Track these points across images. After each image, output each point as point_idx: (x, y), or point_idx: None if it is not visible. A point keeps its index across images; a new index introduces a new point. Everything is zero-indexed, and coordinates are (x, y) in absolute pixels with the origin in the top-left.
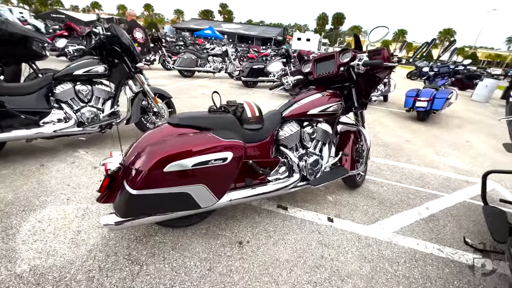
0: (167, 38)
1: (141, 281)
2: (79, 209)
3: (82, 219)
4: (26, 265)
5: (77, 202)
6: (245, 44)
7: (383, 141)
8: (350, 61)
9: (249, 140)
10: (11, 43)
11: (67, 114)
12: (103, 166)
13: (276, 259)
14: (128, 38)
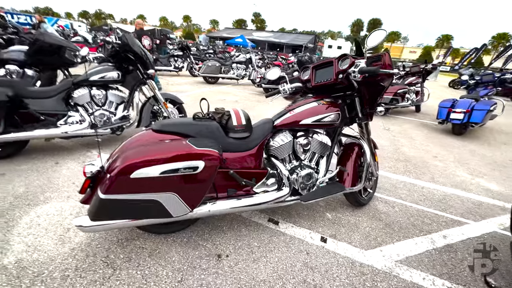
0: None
1: (109, 286)
2: (75, 207)
3: (75, 217)
4: (13, 257)
5: (76, 200)
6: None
7: (405, 156)
8: (348, 68)
9: (234, 149)
10: (47, 52)
11: (82, 117)
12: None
13: (253, 278)
14: (140, 46)
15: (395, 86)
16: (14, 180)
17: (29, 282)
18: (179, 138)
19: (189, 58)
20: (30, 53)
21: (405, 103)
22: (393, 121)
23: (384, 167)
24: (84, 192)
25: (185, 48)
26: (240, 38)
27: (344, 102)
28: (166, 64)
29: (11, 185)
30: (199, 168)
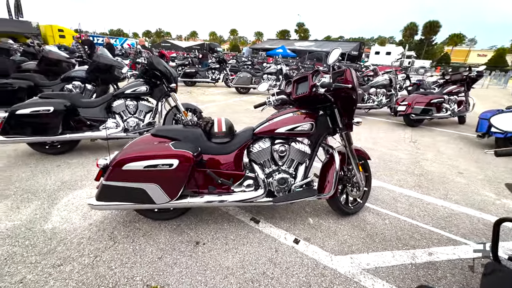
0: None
1: (107, 254)
2: None
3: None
4: (51, 225)
5: None
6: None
7: (422, 170)
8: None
9: (214, 152)
10: (102, 70)
11: (117, 123)
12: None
13: (219, 264)
14: (165, 65)
15: (428, 95)
16: (65, 170)
17: (56, 243)
18: (167, 140)
19: (225, 70)
20: (89, 71)
21: (443, 114)
22: (426, 133)
23: (393, 180)
24: (98, 180)
25: (221, 61)
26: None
27: (325, 113)
28: (204, 76)
29: (61, 173)
30: (174, 165)
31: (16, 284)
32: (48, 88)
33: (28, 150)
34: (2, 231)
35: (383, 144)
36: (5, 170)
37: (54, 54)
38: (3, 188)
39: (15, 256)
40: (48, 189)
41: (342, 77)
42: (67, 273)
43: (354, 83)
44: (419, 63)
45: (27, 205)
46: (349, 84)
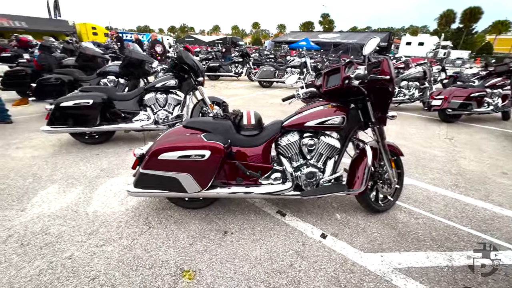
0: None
1: (143, 237)
2: None
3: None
4: (93, 208)
5: None
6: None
7: (459, 169)
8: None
9: (243, 144)
10: (134, 65)
11: (149, 115)
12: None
13: (247, 253)
14: (192, 58)
15: (468, 89)
16: (103, 159)
17: (98, 225)
18: (198, 132)
19: (248, 63)
20: (122, 66)
21: (484, 109)
22: (463, 130)
23: (426, 178)
24: (135, 168)
25: (244, 55)
26: (304, 41)
27: (357, 107)
28: (227, 70)
29: (100, 162)
30: (206, 156)
31: (66, 259)
32: (86, 82)
33: (70, 140)
34: (53, 212)
35: (415, 141)
36: (52, 157)
37: (90, 50)
38: (51, 173)
39: (64, 235)
40: (89, 175)
41: (378, 68)
42: (109, 253)
43: (391, 75)
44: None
45: (71, 190)
46: (386, 76)
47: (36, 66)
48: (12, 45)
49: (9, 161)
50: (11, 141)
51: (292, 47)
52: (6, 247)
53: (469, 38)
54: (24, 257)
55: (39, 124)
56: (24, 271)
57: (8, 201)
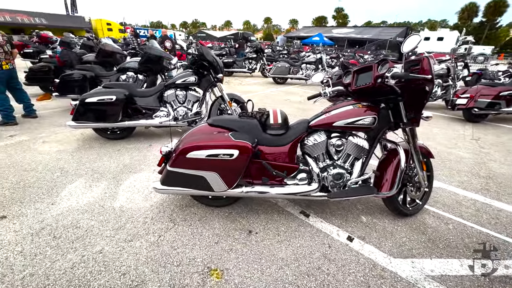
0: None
1: (169, 234)
2: (157, 178)
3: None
4: (119, 203)
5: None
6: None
7: (489, 172)
8: (386, 72)
9: (269, 143)
10: (153, 62)
11: (168, 111)
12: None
13: (273, 254)
14: (213, 55)
15: (498, 87)
16: (125, 154)
17: (125, 220)
18: (224, 131)
19: (262, 59)
20: (141, 62)
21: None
22: (489, 130)
23: (454, 181)
24: (160, 165)
25: (259, 51)
26: (318, 36)
27: (387, 107)
28: (241, 66)
29: (122, 157)
30: (234, 155)
31: (96, 253)
32: (106, 78)
33: (92, 135)
34: (81, 206)
35: (439, 141)
36: (76, 152)
37: (109, 47)
38: (76, 168)
39: (93, 229)
40: (112, 171)
41: (416, 67)
42: (137, 249)
43: (432, 74)
44: (478, 49)
45: (97, 184)
46: (428, 75)
47: (59, 62)
48: (34, 41)
49: (36, 155)
50: (38, 135)
51: (305, 43)
52: (39, 240)
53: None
54: (57, 250)
55: (62, 118)
56: (58, 264)
57: (38, 194)
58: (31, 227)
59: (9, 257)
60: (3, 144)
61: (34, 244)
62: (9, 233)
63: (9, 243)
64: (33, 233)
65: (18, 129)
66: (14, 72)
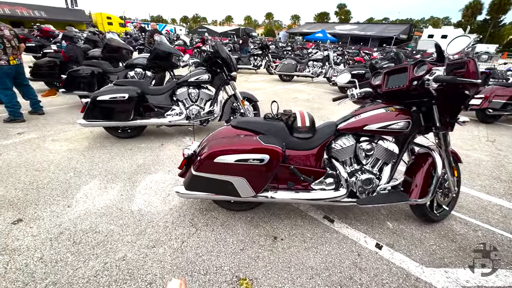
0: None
1: (192, 240)
2: (173, 179)
3: (173, 186)
4: (137, 207)
5: (174, 174)
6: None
7: (511, 175)
8: (424, 75)
9: (296, 147)
10: (161, 58)
11: (181, 110)
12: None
13: (302, 262)
14: (227, 52)
15: (511, 87)
16: (137, 154)
17: (145, 224)
18: (251, 134)
19: (268, 56)
20: (150, 58)
21: None
22: (504, 131)
23: (475, 185)
24: (181, 168)
25: (264, 47)
26: (321, 33)
27: (419, 110)
28: (246, 62)
29: (135, 157)
30: (265, 160)
31: (119, 260)
32: (114, 74)
33: (102, 133)
34: (98, 209)
35: (455, 143)
36: (88, 151)
37: (116, 42)
38: (89, 168)
39: (113, 234)
40: (126, 171)
41: (461, 70)
42: (161, 255)
43: (479, 78)
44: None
45: (112, 186)
46: (475, 79)
47: (64, 57)
48: (35, 35)
49: (47, 154)
50: (46, 133)
51: (308, 39)
52: (59, 245)
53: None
54: (78, 257)
55: (69, 115)
56: (80, 272)
57: (53, 195)
58: (49, 231)
59: (29, 264)
60: (12, 142)
61: (54, 250)
62: (27, 238)
63: (28, 249)
64: (52, 238)
65: (26, 126)
66: (21, 67)
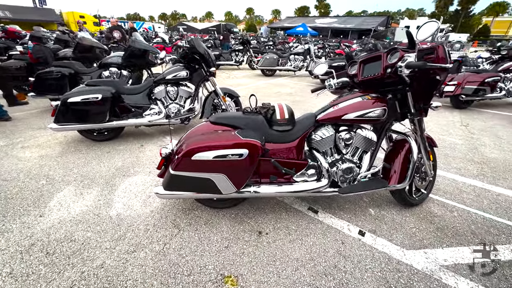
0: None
1: (175, 241)
2: (154, 181)
3: (154, 187)
4: (115, 211)
5: (155, 175)
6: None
7: (482, 157)
8: (397, 62)
9: (276, 140)
10: (137, 56)
11: (160, 109)
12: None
13: (287, 255)
14: (204, 47)
15: (482, 74)
16: (115, 157)
17: (125, 229)
18: (230, 129)
19: (249, 51)
20: (125, 57)
21: (497, 94)
22: (476, 116)
23: (451, 168)
24: (160, 168)
25: (245, 43)
26: (301, 26)
27: (394, 97)
28: (228, 58)
29: (113, 160)
30: (244, 155)
31: (98, 268)
32: (87, 75)
33: (77, 137)
34: (74, 216)
35: (432, 129)
36: (61, 156)
37: (88, 41)
38: (63, 174)
39: (91, 241)
40: (104, 175)
41: (431, 55)
42: (142, 260)
43: (449, 62)
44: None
45: (89, 191)
46: (445, 64)
47: (31, 58)
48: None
49: (16, 162)
50: (15, 140)
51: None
52: (31, 258)
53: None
54: (52, 268)
55: (41, 120)
56: (55, 284)
57: (23, 206)
58: (19, 243)
59: None
60: None
61: (25, 263)
62: None
63: None
64: (23, 251)
65: None
66: None
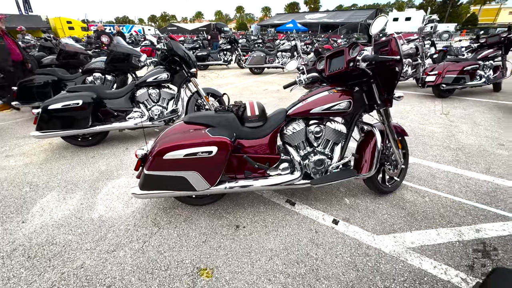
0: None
1: (155, 239)
2: (137, 182)
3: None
4: (97, 214)
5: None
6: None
7: (458, 144)
8: (357, 55)
9: (248, 136)
10: (120, 60)
11: (143, 112)
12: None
13: (262, 246)
14: (183, 49)
15: (461, 62)
16: (99, 161)
17: (106, 230)
18: (201, 127)
19: (237, 50)
20: (107, 61)
21: (476, 81)
22: (457, 104)
23: (427, 155)
24: (137, 170)
25: (233, 42)
26: (291, 23)
27: (361, 89)
28: (216, 58)
29: (97, 164)
30: (213, 152)
31: (77, 269)
32: (70, 81)
33: (62, 143)
34: (56, 221)
35: (412, 118)
36: (46, 163)
37: (71, 47)
38: (47, 181)
39: (71, 244)
40: (88, 179)
41: (385, 48)
42: (121, 258)
43: (401, 54)
44: (442, 27)
45: (72, 196)
46: (396, 56)
47: None
48: None
49: (0, 171)
50: None
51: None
52: (12, 262)
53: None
54: (33, 271)
55: (25, 129)
56: (35, 285)
57: (6, 213)
58: (1, 249)
59: None
60: None
61: (6, 268)
62: None
63: None
64: (4, 256)
65: None
66: None
